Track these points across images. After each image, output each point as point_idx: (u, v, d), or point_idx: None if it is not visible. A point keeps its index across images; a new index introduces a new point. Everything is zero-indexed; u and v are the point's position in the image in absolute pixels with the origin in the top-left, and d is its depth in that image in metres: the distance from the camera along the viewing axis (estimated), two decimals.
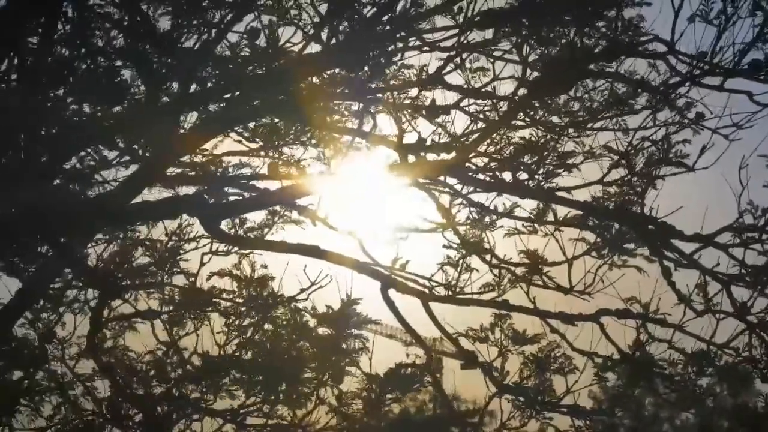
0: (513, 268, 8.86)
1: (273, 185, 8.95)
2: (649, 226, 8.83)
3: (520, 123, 8.82)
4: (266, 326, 9.03)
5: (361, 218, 9.08)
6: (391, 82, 8.63)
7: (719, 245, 8.69)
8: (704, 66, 8.31)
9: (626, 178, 8.95)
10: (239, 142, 9.07)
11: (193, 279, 9.37)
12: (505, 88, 8.79)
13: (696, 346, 8.76)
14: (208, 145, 9.04)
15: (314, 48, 8.30)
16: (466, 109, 8.81)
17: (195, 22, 7.66)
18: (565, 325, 8.72)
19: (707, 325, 8.79)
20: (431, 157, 8.47)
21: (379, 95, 8.44)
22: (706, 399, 8.98)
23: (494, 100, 8.67)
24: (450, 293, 8.76)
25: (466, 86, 8.59)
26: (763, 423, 10.13)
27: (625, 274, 8.81)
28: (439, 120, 8.64)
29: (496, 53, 8.58)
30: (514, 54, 8.54)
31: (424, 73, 8.58)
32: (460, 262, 8.77)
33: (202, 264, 9.48)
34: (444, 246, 8.86)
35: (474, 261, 8.90)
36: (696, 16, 8.26)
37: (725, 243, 8.68)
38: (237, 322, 9.05)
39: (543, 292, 8.94)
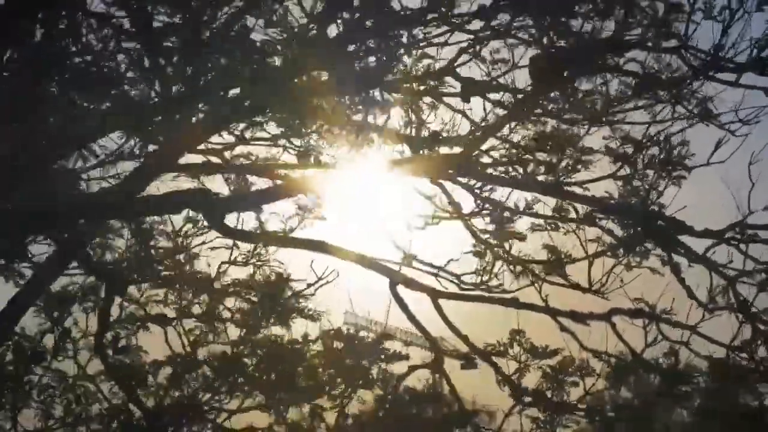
0: (531, 266, 8.71)
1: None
2: (659, 222, 8.78)
3: (532, 116, 8.62)
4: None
5: (370, 213, 8.89)
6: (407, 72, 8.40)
7: (730, 241, 8.65)
8: (718, 61, 8.23)
9: (636, 176, 8.84)
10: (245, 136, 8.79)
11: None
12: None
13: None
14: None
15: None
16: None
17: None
18: (576, 324, 8.62)
19: (716, 322, 8.80)
20: (444, 150, 8.32)
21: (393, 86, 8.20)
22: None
23: (509, 93, 8.47)
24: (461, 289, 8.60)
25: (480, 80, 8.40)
26: None
27: (641, 274, 8.68)
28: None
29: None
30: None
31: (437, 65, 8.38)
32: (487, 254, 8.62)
33: (219, 273, 9.34)
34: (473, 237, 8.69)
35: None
36: (698, 10, 8.19)
37: (737, 239, 8.65)
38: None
39: (553, 292, 8.85)
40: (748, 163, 8.51)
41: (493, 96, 8.66)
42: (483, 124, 8.66)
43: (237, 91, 7.85)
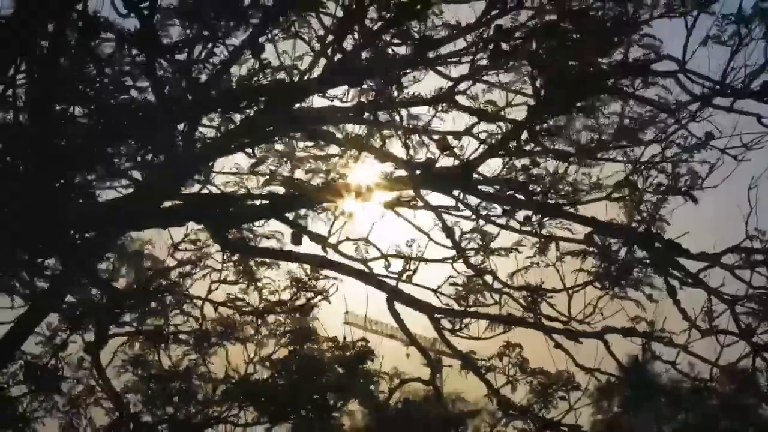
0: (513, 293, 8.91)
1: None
2: (656, 244, 8.86)
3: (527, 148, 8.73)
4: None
5: (367, 232, 9.17)
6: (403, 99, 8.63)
7: (726, 265, 8.70)
8: (715, 86, 8.33)
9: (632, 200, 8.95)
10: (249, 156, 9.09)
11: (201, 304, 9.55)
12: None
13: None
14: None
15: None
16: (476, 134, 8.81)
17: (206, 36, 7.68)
18: (569, 341, 8.75)
19: (710, 343, 8.84)
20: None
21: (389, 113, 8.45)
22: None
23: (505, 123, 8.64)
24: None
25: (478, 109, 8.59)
26: None
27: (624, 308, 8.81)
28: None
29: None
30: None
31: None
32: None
33: (210, 291, 9.67)
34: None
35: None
36: (710, 38, 8.29)
37: (732, 264, 8.70)
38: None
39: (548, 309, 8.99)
40: (747, 187, 8.69)
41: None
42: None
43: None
